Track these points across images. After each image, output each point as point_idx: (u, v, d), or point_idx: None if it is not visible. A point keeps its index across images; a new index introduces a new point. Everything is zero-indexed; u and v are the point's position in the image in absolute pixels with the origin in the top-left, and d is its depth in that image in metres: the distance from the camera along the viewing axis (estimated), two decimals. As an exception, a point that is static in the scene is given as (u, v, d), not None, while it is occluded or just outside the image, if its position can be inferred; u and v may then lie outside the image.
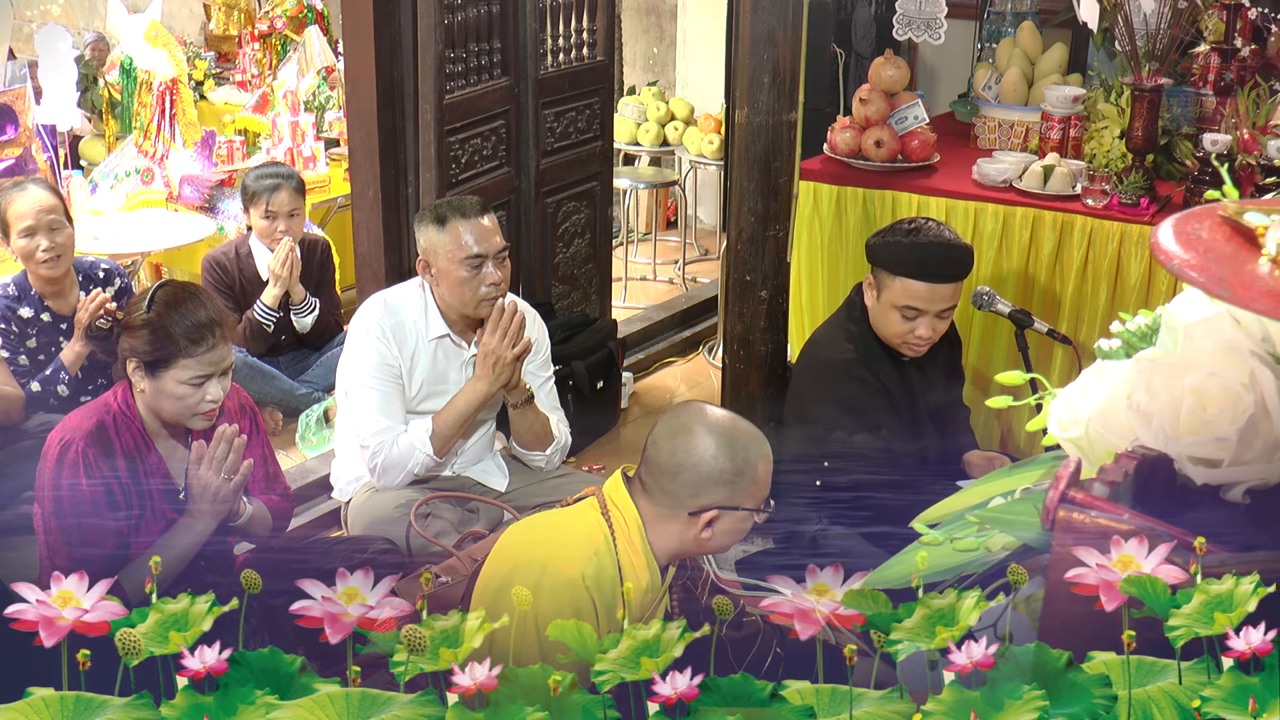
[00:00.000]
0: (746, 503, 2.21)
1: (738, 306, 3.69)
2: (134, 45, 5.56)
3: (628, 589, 2.08)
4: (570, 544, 2.19)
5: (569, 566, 2.11)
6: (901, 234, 3.19)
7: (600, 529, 2.22)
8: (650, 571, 2.21)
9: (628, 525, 2.22)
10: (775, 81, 3.46)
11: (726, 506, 2.19)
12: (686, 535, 2.21)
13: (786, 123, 3.51)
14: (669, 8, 7.07)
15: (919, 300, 3.14)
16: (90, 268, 3.86)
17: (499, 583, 2.16)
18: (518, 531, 2.35)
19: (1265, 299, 1.38)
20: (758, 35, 3.42)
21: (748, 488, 2.20)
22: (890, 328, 3.19)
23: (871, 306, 3.23)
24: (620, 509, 2.24)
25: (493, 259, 3.20)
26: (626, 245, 6.36)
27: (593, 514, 2.25)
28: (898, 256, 3.15)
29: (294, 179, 4.51)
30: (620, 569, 2.18)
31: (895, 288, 3.15)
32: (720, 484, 2.18)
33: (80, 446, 2.58)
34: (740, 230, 3.61)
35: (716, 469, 2.18)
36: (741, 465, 2.18)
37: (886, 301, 3.17)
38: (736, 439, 2.20)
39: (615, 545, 2.20)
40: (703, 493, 2.18)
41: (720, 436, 2.19)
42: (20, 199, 3.64)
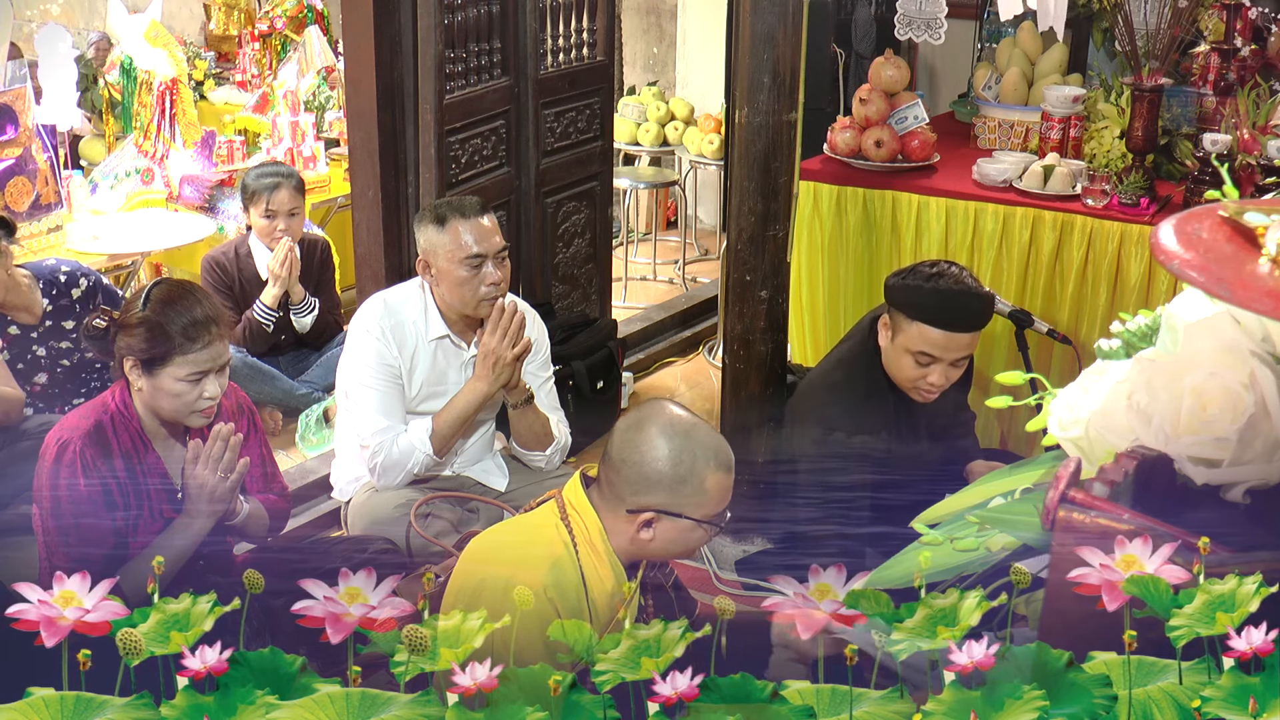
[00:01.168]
0: (691, 511, 2.14)
1: (738, 306, 3.69)
2: (134, 45, 5.55)
3: (592, 595, 2.08)
4: (531, 555, 2.15)
5: (531, 579, 2.04)
6: (922, 277, 3.07)
7: (560, 536, 2.17)
8: (615, 574, 2.17)
9: (588, 529, 2.18)
10: (775, 81, 3.46)
11: (666, 511, 2.13)
12: (626, 533, 2.16)
13: (786, 123, 3.51)
14: (669, 8, 7.07)
15: (934, 347, 3.04)
16: (50, 272, 3.77)
17: (467, 597, 2.11)
18: (479, 546, 2.30)
19: (1265, 299, 1.38)
20: (758, 35, 3.42)
21: (692, 496, 2.13)
22: (903, 372, 3.10)
23: (886, 348, 3.13)
24: (579, 512, 2.20)
25: (493, 259, 3.20)
26: (626, 245, 6.36)
27: (552, 520, 2.20)
28: (916, 301, 3.04)
29: (294, 178, 4.51)
30: (583, 574, 2.14)
31: (911, 332, 3.04)
32: (659, 487, 2.12)
33: (78, 446, 2.57)
34: (740, 230, 3.61)
35: (655, 470, 2.12)
36: (685, 473, 2.12)
37: (901, 345, 3.08)
38: (686, 445, 2.13)
39: (576, 551, 2.16)
40: (642, 492, 2.13)
41: (670, 439, 2.13)
42: None
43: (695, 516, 2.14)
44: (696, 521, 2.15)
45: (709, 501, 2.14)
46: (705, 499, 2.14)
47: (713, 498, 2.15)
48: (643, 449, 2.13)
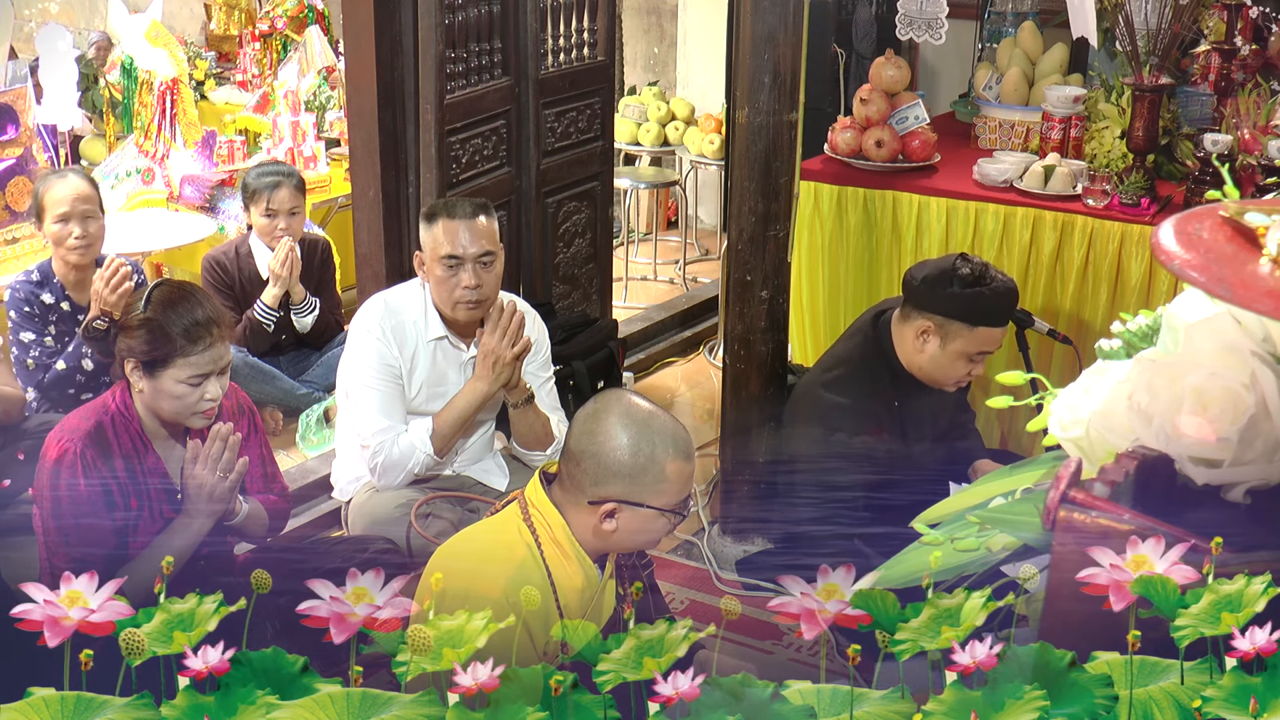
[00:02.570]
0: (652, 500, 2.12)
1: (738, 306, 3.69)
2: (135, 45, 5.56)
3: (562, 595, 2.05)
4: (493, 560, 2.12)
5: (492, 587, 2.02)
6: (970, 283, 3.12)
7: (523, 538, 2.15)
8: (584, 570, 2.16)
9: (551, 527, 2.15)
10: (776, 81, 3.46)
11: (627, 501, 2.11)
12: (589, 525, 2.14)
13: (787, 123, 3.51)
14: (669, 8, 7.07)
15: (991, 344, 3.15)
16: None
17: (430, 606, 2.10)
18: (443, 554, 2.26)
19: (1266, 299, 1.38)
20: (758, 35, 3.42)
21: (653, 485, 2.11)
22: (955, 373, 3.16)
23: (931, 355, 3.15)
24: (541, 511, 2.17)
25: (472, 262, 3.18)
26: (627, 245, 6.36)
27: (515, 522, 2.18)
28: (977, 309, 3.10)
29: (294, 177, 4.51)
30: (550, 575, 2.12)
31: (972, 337, 3.11)
32: (618, 476, 2.11)
33: (78, 448, 2.58)
34: (741, 230, 3.61)
35: (614, 460, 2.11)
36: (645, 462, 2.10)
37: (957, 350, 3.13)
38: (644, 434, 2.11)
39: (541, 552, 2.13)
40: (602, 483, 2.11)
41: (628, 429, 2.11)
42: (58, 185, 3.76)
43: (657, 505, 2.12)
44: (659, 510, 2.13)
45: (670, 490, 2.12)
46: (665, 487, 2.12)
47: (673, 486, 2.13)
48: (600, 439, 2.12)
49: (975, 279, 3.11)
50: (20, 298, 3.83)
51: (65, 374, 3.74)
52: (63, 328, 3.83)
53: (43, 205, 3.77)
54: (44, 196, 3.77)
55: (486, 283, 3.21)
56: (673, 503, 2.14)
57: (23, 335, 3.81)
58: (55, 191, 3.74)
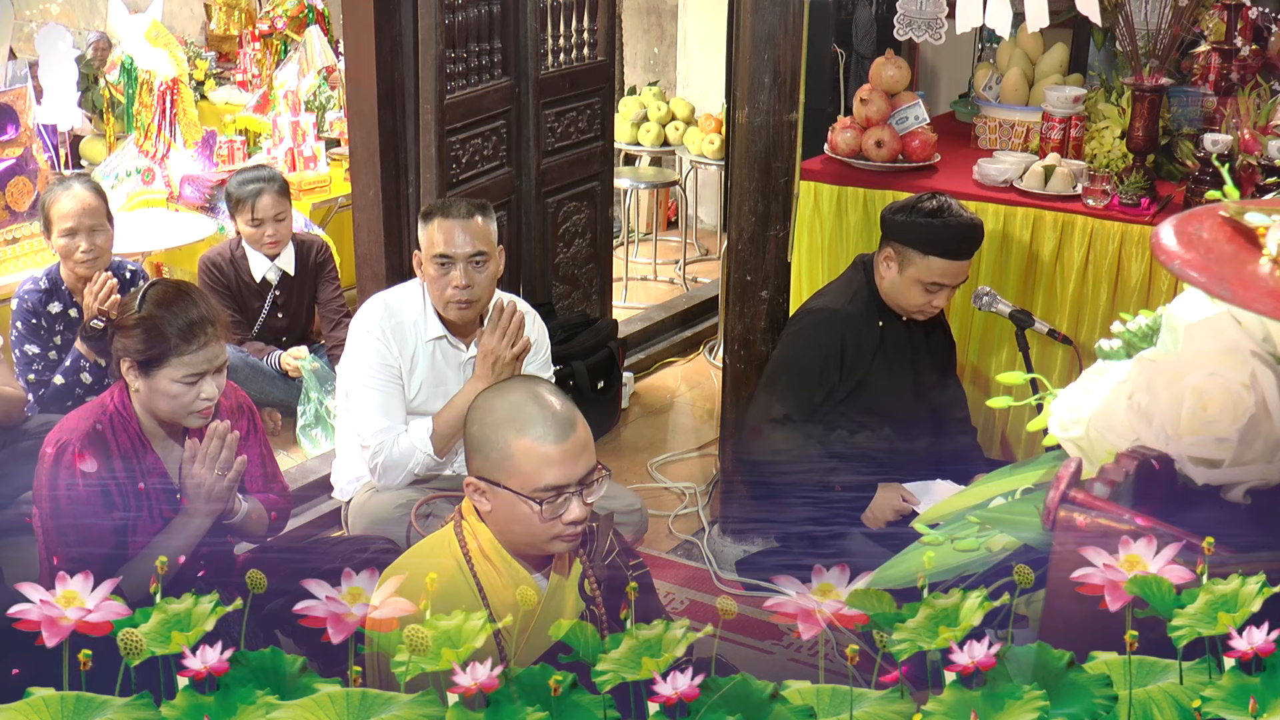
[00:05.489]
0: (506, 481, 2.04)
1: (738, 306, 3.69)
2: (135, 45, 5.56)
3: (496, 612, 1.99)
4: (411, 585, 2.11)
5: (419, 603, 2.02)
6: (928, 214, 3.32)
7: (452, 551, 2.09)
8: (514, 576, 2.08)
9: (478, 537, 2.10)
10: (776, 81, 3.46)
11: (484, 479, 2.06)
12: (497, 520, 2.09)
13: (787, 123, 3.51)
14: (669, 8, 7.07)
15: (945, 276, 3.33)
16: (118, 268, 3.92)
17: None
18: (389, 571, 2.23)
19: (1266, 299, 1.38)
20: (758, 35, 3.42)
21: (500, 461, 2.04)
22: (912, 300, 3.37)
23: (891, 279, 3.38)
24: (469, 521, 2.13)
25: (463, 262, 3.18)
26: (627, 245, 6.36)
27: (448, 536, 2.14)
28: (928, 237, 3.30)
29: (276, 182, 4.49)
30: (480, 585, 2.05)
31: (923, 265, 3.32)
32: (475, 450, 2.08)
33: (77, 448, 2.57)
34: (741, 230, 3.61)
35: (471, 434, 2.09)
36: (490, 433, 2.05)
37: (911, 276, 3.34)
38: (495, 407, 2.07)
39: (470, 563, 2.08)
40: (470, 459, 2.10)
41: (485, 400, 2.10)
42: (64, 198, 3.74)
43: (511, 487, 2.04)
44: (516, 494, 2.04)
45: (521, 471, 2.03)
46: (513, 466, 2.03)
47: (523, 468, 2.03)
48: (470, 414, 2.12)
49: (935, 211, 3.33)
50: (27, 308, 3.81)
51: (64, 388, 3.72)
52: (69, 335, 3.82)
53: (49, 218, 3.75)
54: (50, 209, 3.75)
55: (478, 283, 3.21)
56: (530, 488, 2.03)
57: (27, 348, 3.81)
58: (61, 205, 3.72)
